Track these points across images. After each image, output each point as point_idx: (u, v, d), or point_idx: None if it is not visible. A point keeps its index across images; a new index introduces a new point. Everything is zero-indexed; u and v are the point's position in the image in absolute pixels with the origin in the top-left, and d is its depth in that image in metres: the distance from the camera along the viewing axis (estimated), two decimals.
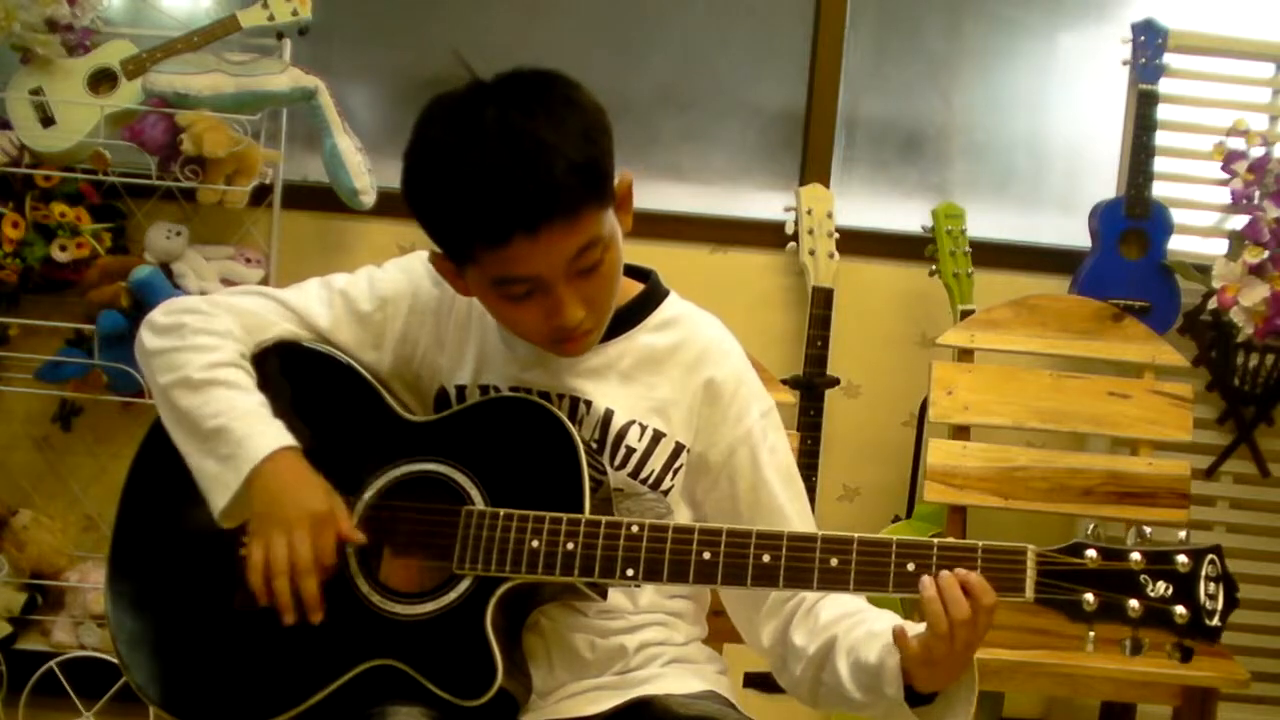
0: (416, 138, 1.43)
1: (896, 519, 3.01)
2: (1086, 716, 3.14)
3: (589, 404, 1.51)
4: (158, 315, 1.56)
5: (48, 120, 2.71)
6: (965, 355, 2.78)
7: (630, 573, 1.41)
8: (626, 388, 1.53)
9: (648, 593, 1.57)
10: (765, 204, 3.12)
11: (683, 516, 1.57)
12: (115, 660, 1.53)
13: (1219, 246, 3.02)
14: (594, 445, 1.51)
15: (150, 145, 2.66)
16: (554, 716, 1.51)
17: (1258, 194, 2.94)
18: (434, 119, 1.42)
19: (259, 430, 1.45)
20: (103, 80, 2.74)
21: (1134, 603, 1.31)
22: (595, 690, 1.52)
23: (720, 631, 1.69)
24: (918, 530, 2.88)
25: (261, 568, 1.42)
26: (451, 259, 1.45)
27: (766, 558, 1.39)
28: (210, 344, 1.51)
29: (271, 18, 2.77)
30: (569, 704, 1.52)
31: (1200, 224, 3.11)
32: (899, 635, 1.38)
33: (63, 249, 2.72)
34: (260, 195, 2.86)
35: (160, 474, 1.55)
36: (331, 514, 1.44)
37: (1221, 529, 3.16)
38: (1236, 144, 2.99)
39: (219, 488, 1.44)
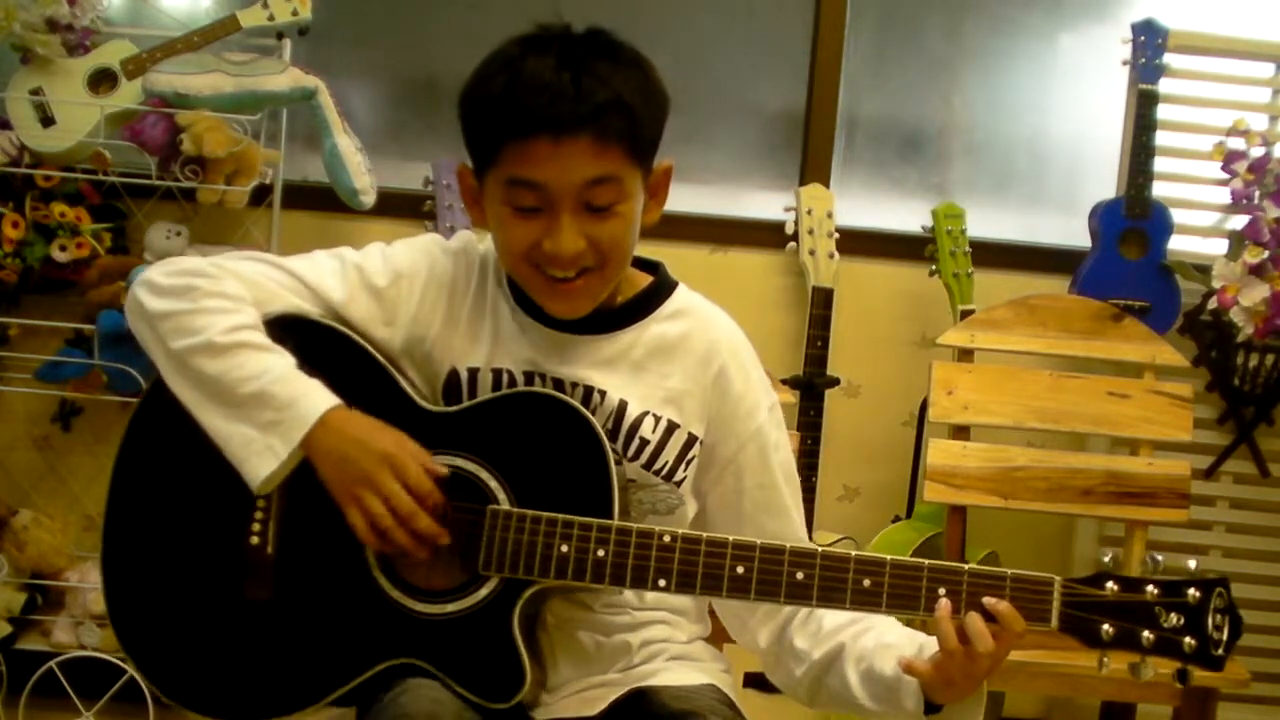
0: (488, 55, 1.45)
1: (896, 519, 3.01)
2: (1086, 716, 3.15)
3: (603, 394, 1.50)
4: (158, 276, 1.49)
5: (48, 120, 2.71)
6: (965, 355, 2.77)
7: (662, 583, 1.41)
8: (639, 378, 1.52)
9: None
10: (765, 204, 3.12)
11: (690, 508, 1.56)
12: (116, 660, 1.53)
13: (1219, 246, 3.02)
14: (607, 434, 1.49)
15: (150, 145, 2.66)
16: (560, 715, 1.51)
17: (1258, 194, 2.94)
18: (511, 41, 1.44)
19: (303, 392, 1.43)
20: (103, 80, 2.74)
21: (1147, 633, 1.38)
22: (601, 687, 1.52)
23: (721, 630, 1.69)
24: (918, 530, 2.88)
25: (369, 530, 1.41)
26: (477, 165, 1.45)
27: (800, 575, 1.40)
28: (227, 307, 1.46)
29: (271, 18, 2.77)
30: (574, 701, 1.52)
31: (1200, 224, 3.12)
32: (909, 668, 1.40)
33: (63, 249, 2.72)
34: (260, 195, 2.86)
35: (156, 460, 1.52)
36: (405, 450, 1.42)
37: (1221, 529, 3.16)
38: (1236, 144, 2.99)
39: (262, 454, 1.41)
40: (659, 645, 1.57)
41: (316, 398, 1.43)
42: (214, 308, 1.46)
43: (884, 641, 1.48)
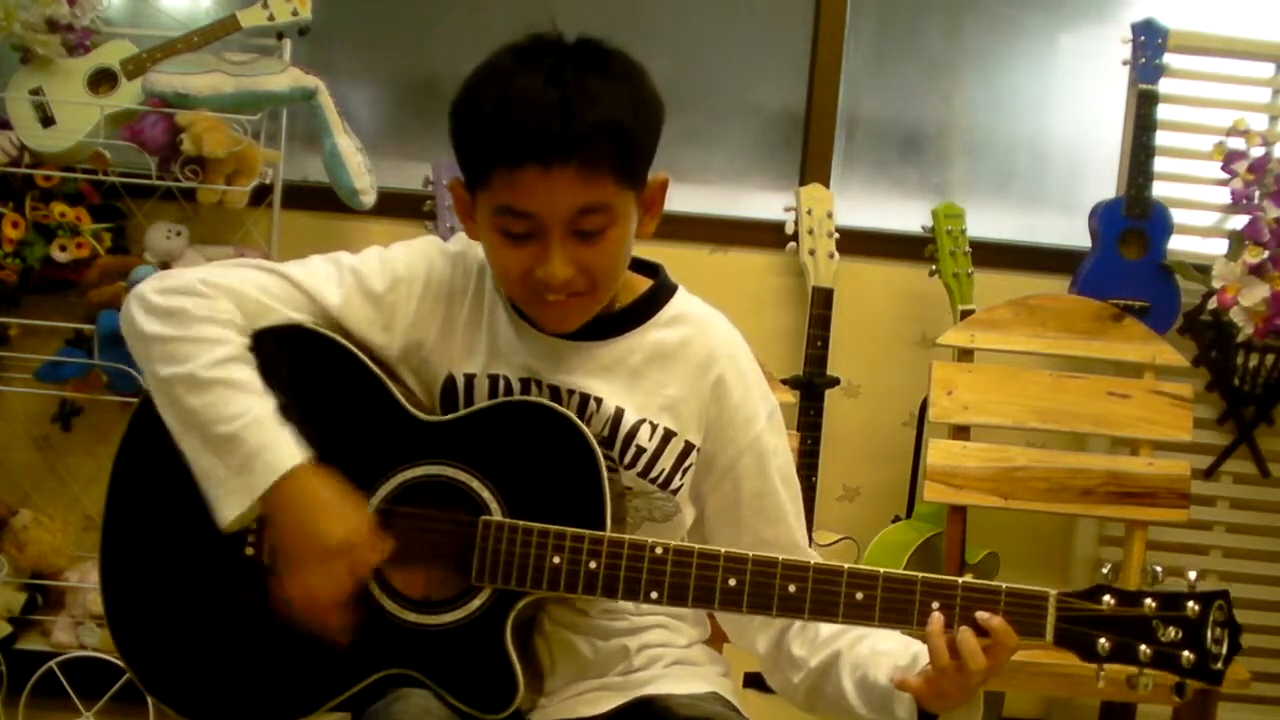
0: (480, 64, 1.43)
1: (896, 519, 3.01)
2: (1086, 716, 3.15)
3: (599, 401, 1.50)
4: (151, 294, 1.47)
5: (48, 120, 2.71)
6: (965, 355, 2.77)
7: (654, 595, 1.41)
8: (636, 385, 1.51)
9: None
10: (765, 204, 3.12)
11: (687, 514, 1.56)
12: (116, 660, 1.53)
13: (1219, 246, 3.01)
14: (602, 441, 1.49)
15: (150, 145, 2.66)
16: (558, 717, 1.50)
17: (1258, 194, 2.94)
18: (503, 51, 1.43)
19: (273, 442, 1.41)
20: (103, 80, 2.74)
21: (1145, 647, 1.37)
22: (599, 691, 1.52)
23: (721, 632, 1.69)
24: (918, 530, 2.88)
25: (307, 606, 1.40)
26: (469, 183, 1.44)
27: (792, 588, 1.40)
28: (215, 336, 1.44)
29: (271, 18, 2.77)
30: (572, 704, 1.52)
31: (1200, 224, 3.11)
32: (901, 684, 1.40)
33: (63, 249, 2.72)
34: (260, 195, 2.85)
35: (152, 467, 1.51)
36: (363, 543, 1.40)
37: (1221, 529, 3.16)
38: (1236, 144, 2.99)
39: (230, 496, 1.41)
40: (658, 650, 1.56)
41: (284, 451, 1.41)
42: (200, 336, 1.44)
43: (879, 649, 1.48)
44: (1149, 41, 2.96)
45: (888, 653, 1.47)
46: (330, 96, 2.75)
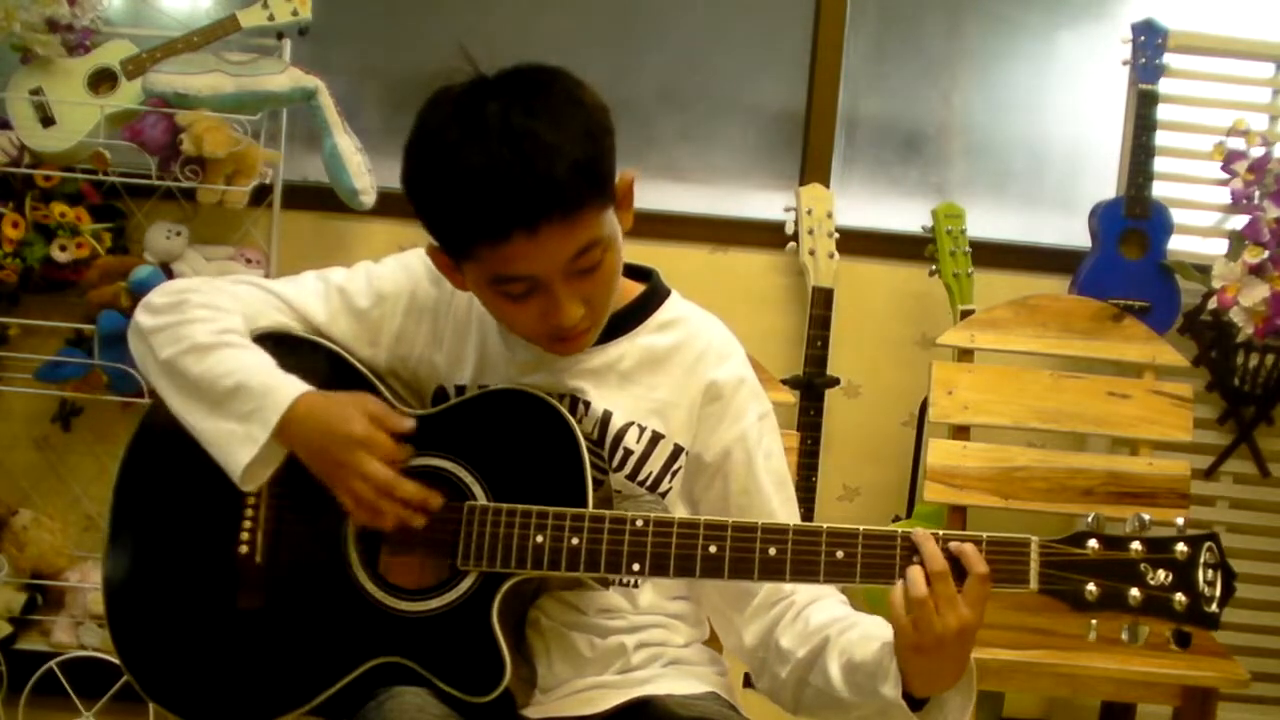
0: (418, 131, 1.42)
1: (896, 519, 3.01)
2: (1086, 716, 3.15)
3: (588, 405, 1.51)
4: (154, 297, 1.55)
5: (48, 120, 2.71)
6: (965, 355, 2.78)
7: (636, 567, 1.41)
8: (626, 389, 1.52)
9: (647, 593, 1.57)
10: (765, 204, 3.12)
11: (681, 515, 1.56)
12: (116, 660, 1.53)
13: (1219, 246, 3.01)
14: (591, 443, 1.50)
15: (150, 145, 2.66)
16: (555, 714, 1.51)
17: (1258, 194, 2.94)
18: (436, 113, 1.41)
19: (278, 383, 1.45)
20: (103, 80, 2.74)
21: (1134, 591, 1.34)
22: (596, 689, 1.52)
23: None
24: None
25: (359, 509, 1.43)
26: (450, 254, 1.44)
27: (773, 551, 1.40)
28: (214, 316, 1.51)
29: (271, 18, 2.77)
30: (570, 701, 1.52)
31: (1200, 224, 3.11)
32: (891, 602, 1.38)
33: (63, 249, 2.72)
34: (260, 195, 2.86)
35: (154, 471, 1.55)
36: (370, 428, 1.44)
37: (1221, 529, 3.15)
38: (1236, 144, 2.99)
39: (243, 443, 1.43)
40: (656, 649, 1.57)
41: (290, 387, 1.45)
42: (202, 316, 1.50)
43: (866, 633, 1.47)
44: (1149, 41, 2.97)
45: (877, 635, 1.45)
46: (330, 96, 2.75)
